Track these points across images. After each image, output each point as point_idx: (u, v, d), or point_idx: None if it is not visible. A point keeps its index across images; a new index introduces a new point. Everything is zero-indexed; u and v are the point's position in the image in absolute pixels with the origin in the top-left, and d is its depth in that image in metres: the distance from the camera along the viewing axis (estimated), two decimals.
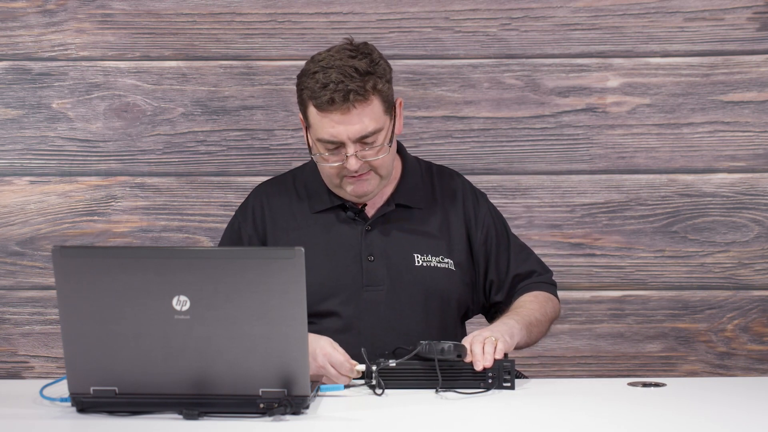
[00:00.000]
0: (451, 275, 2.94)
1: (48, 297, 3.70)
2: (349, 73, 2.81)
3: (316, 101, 2.82)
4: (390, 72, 2.90)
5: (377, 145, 2.85)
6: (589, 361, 3.72)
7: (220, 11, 3.67)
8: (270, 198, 3.01)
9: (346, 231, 2.94)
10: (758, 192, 3.68)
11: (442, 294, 2.93)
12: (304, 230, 2.94)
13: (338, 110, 2.80)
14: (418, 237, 2.95)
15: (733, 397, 2.64)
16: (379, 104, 2.84)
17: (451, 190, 3.02)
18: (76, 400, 2.44)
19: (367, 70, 2.82)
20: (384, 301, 2.89)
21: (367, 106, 2.82)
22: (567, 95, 3.67)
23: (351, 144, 2.83)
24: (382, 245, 2.92)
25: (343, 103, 2.80)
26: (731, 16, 3.65)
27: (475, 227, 2.99)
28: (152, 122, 3.69)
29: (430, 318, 2.91)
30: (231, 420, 2.40)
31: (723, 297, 3.71)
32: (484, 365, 2.63)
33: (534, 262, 3.04)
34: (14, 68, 3.68)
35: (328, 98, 2.80)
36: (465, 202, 3.01)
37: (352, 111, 2.81)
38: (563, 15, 3.66)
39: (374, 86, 2.82)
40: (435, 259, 2.94)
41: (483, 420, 2.44)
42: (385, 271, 2.90)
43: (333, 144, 2.84)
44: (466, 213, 3.00)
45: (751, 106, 3.67)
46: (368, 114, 2.82)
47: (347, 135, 2.82)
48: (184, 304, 2.38)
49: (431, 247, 2.94)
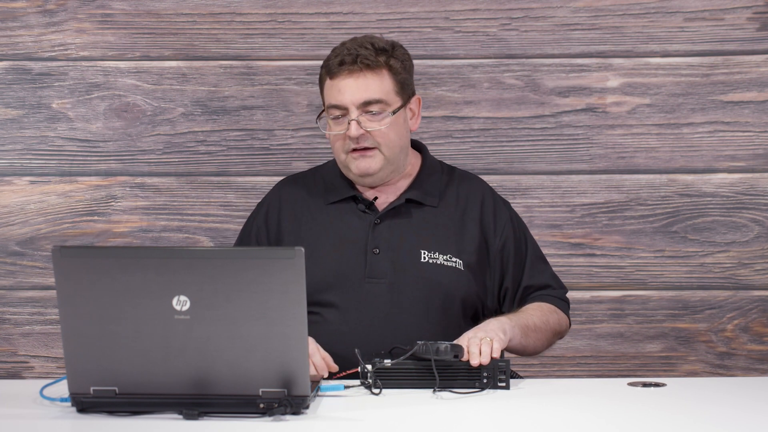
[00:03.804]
0: (458, 275, 2.93)
1: (48, 297, 3.70)
2: (365, 45, 2.90)
3: (329, 68, 2.91)
4: (410, 63, 2.97)
5: (381, 117, 2.88)
6: (589, 361, 3.72)
7: (220, 11, 3.67)
8: (288, 191, 3.05)
9: (356, 223, 2.95)
10: (758, 192, 3.68)
11: (446, 292, 2.92)
12: (316, 221, 2.97)
13: (347, 71, 2.87)
14: (426, 233, 2.95)
15: (733, 397, 2.64)
16: (390, 80, 2.90)
17: (470, 194, 3.02)
18: (76, 400, 2.44)
19: (384, 48, 2.92)
20: (385, 294, 2.89)
21: (376, 76, 2.88)
22: (567, 95, 3.68)
23: (354, 109, 2.88)
24: (389, 238, 2.93)
25: (352, 65, 2.87)
26: (731, 16, 3.65)
27: (493, 234, 2.99)
28: (152, 122, 3.69)
29: (431, 315, 2.91)
30: (231, 420, 2.40)
31: (723, 297, 3.71)
32: (480, 361, 2.64)
33: (549, 276, 3.05)
34: (14, 68, 3.68)
35: (339, 60, 2.88)
36: (484, 208, 3.01)
37: (359, 75, 2.87)
38: (563, 15, 3.66)
39: (387, 61, 2.89)
40: (442, 257, 2.94)
41: (483, 420, 2.44)
42: (388, 265, 2.91)
43: (338, 110, 2.89)
44: (485, 218, 3.00)
45: (751, 106, 3.67)
46: (376, 83, 2.89)
47: (351, 99, 2.88)
48: (184, 304, 2.38)
49: (440, 244, 2.94)
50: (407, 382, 2.65)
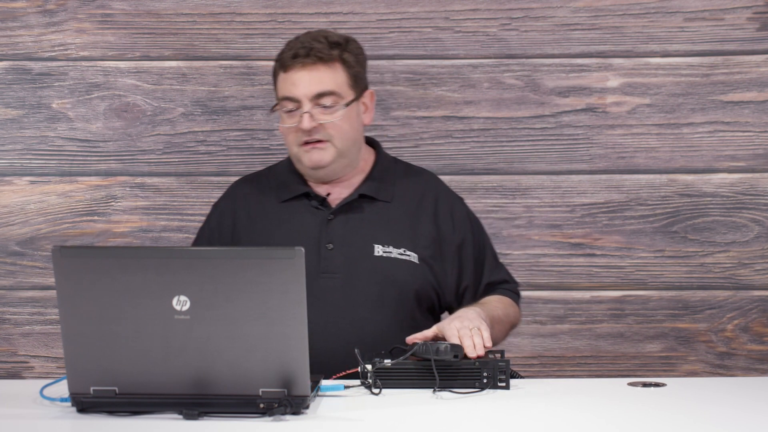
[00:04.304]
0: (413, 268, 2.94)
1: (48, 297, 3.70)
2: (319, 39, 2.92)
3: (282, 61, 2.93)
4: (363, 58, 2.98)
5: (334, 110, 2.89)
6: (589, 361, 3.72)
7: (220, 11, 3.67)
8: (242, 191, 3.06)
9: (309, 219, 2.96)
10: (758, 192, 3.68)
11: (400, 285, 2.93)
12: (270, 219, 2.97)
13: (300, 64, 2.89)
14: (380, 228, 2.95)
15: (733, 397, 2.64)
16: (343, 74, 2.92)
17: (424, 190, 3.03)
18: (76, 400, 2.44)
19: (338, 42, 2.94)
20: (339, 289, 2.90)
21: (329, 69, 2.90)
22: (567, 95, 3.68)
23: (307, 102, 2.89)
24: (342, 234, 2.93)
25: (305, 58, 2.89)
26: (731, 16, 3.65)
27: (451, 229, 3.00)
28: (152, 122, 3.69)
29: (386, 309, 2.91)
30: (231, 420, 2.40)
31: (723, 297, 3.71)
32: (477, 354, 2.64)
33: (505, 273, 3.09)
34: (14, 68, 3.68)
35: (293, 53, 2.90)
36: (439, 203, 3.01)
37: (312, 68, 2.89)
38: (563, 15, 3.66)
39: (340, 55, 2.91)
40: (396, 251, 2.94)
41: (483, 420, 2.44)
42: (342, 260, 2.91)
43: (292, 102, 2.91)
44: (439, 213, 3.00)
45: (751, 106, 3.67)
46: (329, 76, 2.90)
47: (304, 92, 2.89)
48: (184, 304, 2.38)
49: (393, 238, 2.95)
50: (407, 382, 2.65)
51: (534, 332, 3.71)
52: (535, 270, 3.70)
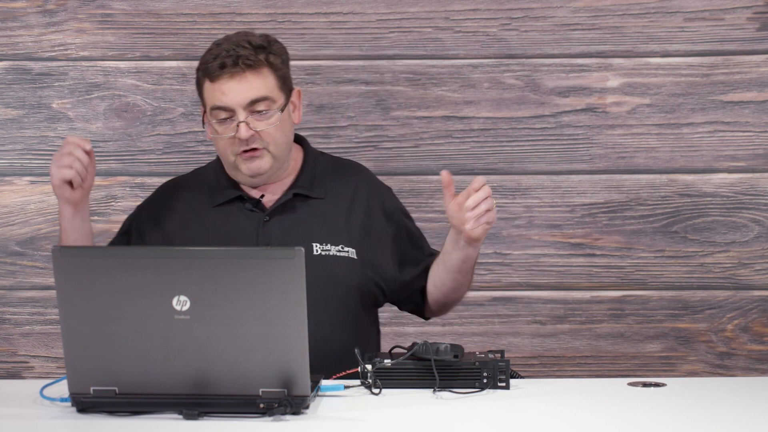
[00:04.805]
0: (353, 264, 2.93)
1: (48, 297, 3.70)
2: (242, 44, 2.88)
3: (208, 70, 2.88)
4: (287, 57, 2.94)
5: (268, 115, 2.87)
6: (589, 361, 3.72)
7: (220, 11, 3.67)
8: (170, 196, 3.02)
9: (245, 223, 2.94)
10: (758, 192, 3.68)
11: (342, 282, 2.92)
12: (204, 225, 2.95)
13: (228, 74, 2.85)
14: (317, 226, 2.94)
15: (733, 397, 2.64)
16: (272, 77, 2.88)
17: (355, 183, 3.02)
18: (76, 400, 2.44)
19: (261, 45, 2.89)
20: None
21: (258, 75, 2.87)
22: (567, 95, 3.68)
23: (242, 110, 2.86)
24: (280, 235, 2.92)
25: (234, 67, 2.85)
26: (731, 16, 3.65)
27: (385, 221, 2.99)
28: (152, 122, 3.69)
29: (330, 307, 2.89)
30: (231, 420, 2.40)
31: (723, 297, 3.71)
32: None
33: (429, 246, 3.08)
34: (14, 68, 3.68)
35: (219, 63, 2.86)
36: (371, 194, 3.00)
37: (242, 77, 2.85)
38: (563, 15, 3.66)
39: (267, 58, 2.88)
40: (335, 248, 2.93)
41: (483, 420, 2.44)
42: None
43: (224, 111, 2.87)
44: (371, 205, 2.99)
45: (751, 106, 3.67)
46: (259, 82, 2.86)
47: (237, 101, 2.85)
48: (184, 304, 2.38)
49: (331, 236, 2.94)
50: (407, 382, 2.65)
51: (534, 332, 3.71)
52: (535, 270, 3.70)
